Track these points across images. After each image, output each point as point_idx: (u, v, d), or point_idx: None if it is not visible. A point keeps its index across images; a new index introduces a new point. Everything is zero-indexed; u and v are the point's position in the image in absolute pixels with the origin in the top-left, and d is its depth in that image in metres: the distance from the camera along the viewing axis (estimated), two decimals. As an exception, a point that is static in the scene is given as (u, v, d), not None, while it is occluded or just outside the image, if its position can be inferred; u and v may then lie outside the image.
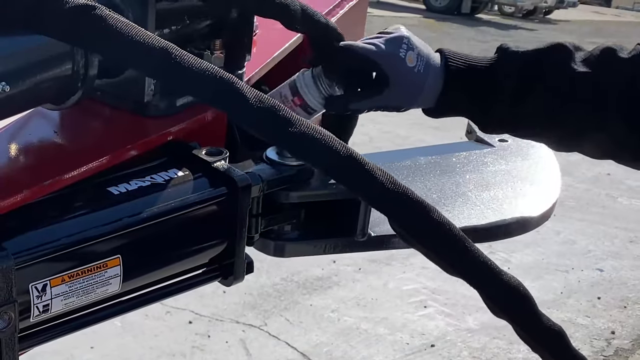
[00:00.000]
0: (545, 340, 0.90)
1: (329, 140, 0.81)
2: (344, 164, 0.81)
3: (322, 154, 0.81)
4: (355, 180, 0.83)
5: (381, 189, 0.82)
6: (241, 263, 1.01)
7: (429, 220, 0.85)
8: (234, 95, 0.80)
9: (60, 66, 0.88)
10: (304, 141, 0.80)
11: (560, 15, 27.90)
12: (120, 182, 0.93)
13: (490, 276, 0.89)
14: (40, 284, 0.81)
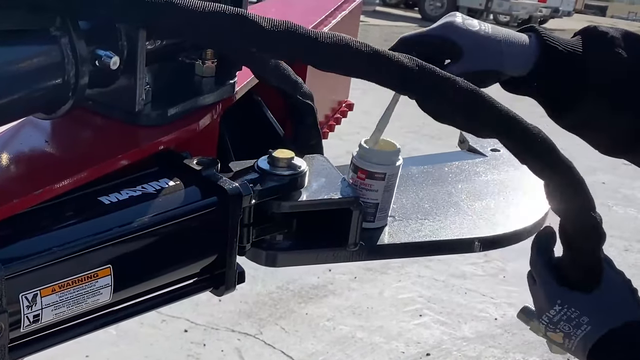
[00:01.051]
0: (538, 150, 0.94)
1: (357, 44, 0.87)
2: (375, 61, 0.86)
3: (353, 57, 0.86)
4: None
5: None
6: (232, 273, 1.01)
7: (459, 90, 0.89)
8: (251, 27, 0.83)
9: (51, 76, 0.88)
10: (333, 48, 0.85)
11: (555, 25, 27.98)
12: (112, 192, 0.93)
13: (481, 104, 0.92)
14: (30, 294, 0.81)
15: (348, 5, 1.56)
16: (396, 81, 0.90)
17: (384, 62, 0.87)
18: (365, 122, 1.20)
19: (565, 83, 1.15)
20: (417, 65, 0.88)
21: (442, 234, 1.13)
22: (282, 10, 1.56)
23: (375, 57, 0.87)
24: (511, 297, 4.47)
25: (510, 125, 0.92)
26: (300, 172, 1.04)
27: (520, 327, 4.17)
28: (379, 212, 1.11)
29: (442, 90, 0.89)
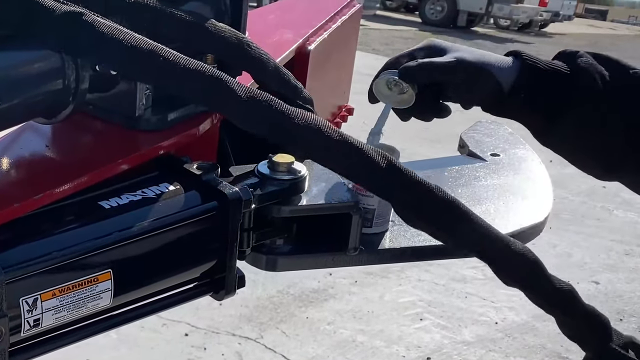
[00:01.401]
0: (557, 301, 0.91)
1: (330, 131, 0.82)
2: (344, 154, 0.82)
3: (321, 146, 0.82)
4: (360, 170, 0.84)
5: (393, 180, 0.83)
6: (232, 277, 1.01)
7: (434, 201, 0.85)
8: (225, 92, 0.80)
9: (51, 80, 0.88)
10: (302, 133, 0.81)
11: (555, 29, 28.05)
12: (112, 196, 0.93)
13: (498, 247, 0.88)
14: (30, 298, 0.81)
15: (348, 10, 1.57)
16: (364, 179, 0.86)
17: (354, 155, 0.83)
18: (366, 127, 1.20)
19: (551, 92, 1.17)
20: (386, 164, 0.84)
21: None
22: (281, 16, 1.57)
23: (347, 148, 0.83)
24: (511, 301, 4.47)
25: (494, 248, 0.88)
26: (300, 176, 1.04)
27: (521, 331, 4.19)
28: (377, 218, 1.11)
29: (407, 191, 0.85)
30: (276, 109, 0.82)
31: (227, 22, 1.06)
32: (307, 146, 0.84)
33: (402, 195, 0.85)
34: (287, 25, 1.43)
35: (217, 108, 0.89)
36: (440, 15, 22.97)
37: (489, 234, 0.88)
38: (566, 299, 0.91)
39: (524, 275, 0.90)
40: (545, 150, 1.27)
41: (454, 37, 19.99)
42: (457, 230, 0.87)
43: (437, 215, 0.86)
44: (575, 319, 0.93)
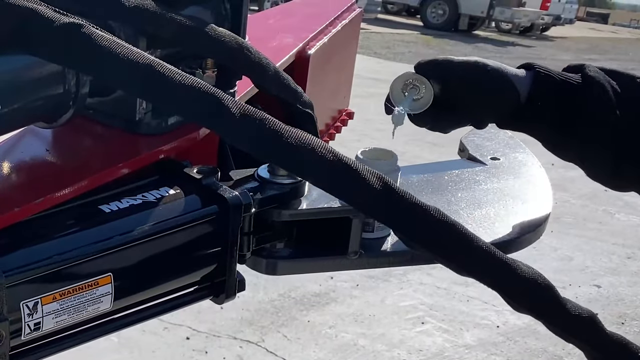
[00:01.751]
0: (576, 329, 0.85)
1: (323, 151, 0.79)
2: (338, 175, 0.79)
3: (314, 166, 0.79)
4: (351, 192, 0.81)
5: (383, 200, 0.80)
6: (233, 281, 1.01)
7: (431, 225, 0.81)
8: (219, 112, 0.79)
9: (51, 85, 0.88)
10: (295, 153, 0.79)
11: (557, 32, 28.06)
12: (112, 200, 0.93)
13: (505, 273, 0.83)
14: (31, 302, 0.81)
15: (348, 14, 1.57)
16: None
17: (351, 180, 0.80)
18: (367, 130, 1.20)
19: (565, 102, 1.15)
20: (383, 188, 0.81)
21: None
22: (281, 20, 1.57)
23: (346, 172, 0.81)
24: (513, 304, 4.47)
25: (501, 275, 0.84)
26: (300, 180, 1.05)
27: (523, 334, 4.18)
28: (378, 222, 1.12)
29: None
30: (269, 127, 0.80)
31: (227, 26, 1.07)
32: (299, 168, 0.82)
33: (400, 220, 0.83)
34: (287, 29, 1.44)
35: (209, 126, 0.86)
36: (442, 19, 22.98)
37: (494, 260, 0.83)
38: (584, 327, 0.85)
39: (535, 302, 0.85)
40: (546, 154, 1.26)
41: (456, 40, 20.00)
42: (457, 257, 0.84)
43: (435, 240, 0.83)
44: (597, 350, 0.88)
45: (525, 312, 0.86)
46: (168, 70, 0.79)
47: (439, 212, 0.82)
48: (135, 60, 0.78)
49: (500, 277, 0.83)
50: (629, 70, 1.22)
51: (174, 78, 0.79)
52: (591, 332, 0.86)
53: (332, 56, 1.52)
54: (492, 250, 0.83)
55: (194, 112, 0.81)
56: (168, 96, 0.79)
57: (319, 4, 1.67)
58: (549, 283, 0.84)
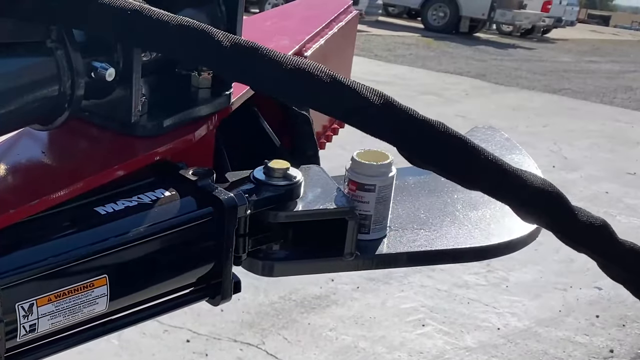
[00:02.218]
0: (586, 238, 0.83)
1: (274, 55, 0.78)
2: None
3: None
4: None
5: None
6: (228, 283, 1.01)
7: (437, 137, 0.79)
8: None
9: (47, 87, 0.89)
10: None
11: (558, 34, 28.07)
12: (108, 202, 0.93)
13: (516, 184, 0.80)
14: (26, 303, 0.82)
15: (345, 16, 1.58)
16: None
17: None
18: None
19: None
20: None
21: (437, 243, 1.13)
22: (278, 22, 1.57)
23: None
24: (514, 306, 4.47)
25: (510, 185, 0.80)
26: (295, 182, 1.05)
27: (523, 336, 4.18)
28: (374, 224, 1.12)
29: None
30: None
31: (223, 29, 1.07)
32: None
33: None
34: (284, 31, 1.44)
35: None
36: (443, 21, 22.99)
37: (502, 169, 0.80)
38: (595, 236, 0.83)
39: (546, 211, 0.82)
40: (548, 155, 1.27)
41: (456, 42, 20.01)
42: (460, 169, 0.81)
43: (439, 152, 0.80)
44: (609, 259, 0.85)
45: (535, 221, 0.84)
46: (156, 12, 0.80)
47: (444, 126, 0.80)
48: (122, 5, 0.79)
49: (509, 187, 0.81)
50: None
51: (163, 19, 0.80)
52: (602, 241, 0.84)
53: (329, 58, 1.52)
54: (498, 159, 0.81)
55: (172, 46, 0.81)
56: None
57: (316, 6, 1.67)
58: (559, 192, 0.82)
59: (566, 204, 0.82)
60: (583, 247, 0.85)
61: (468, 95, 12.15)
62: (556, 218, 0.83)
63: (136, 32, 0.81)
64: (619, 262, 0.86)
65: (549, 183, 0.82)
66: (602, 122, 11.25)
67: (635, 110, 12.93)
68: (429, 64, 14.87)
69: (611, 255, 0.86)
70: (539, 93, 13.48)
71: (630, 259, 0.86)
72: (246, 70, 0.80)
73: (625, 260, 0.86)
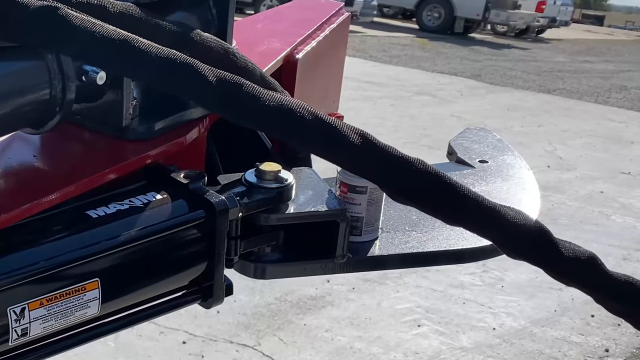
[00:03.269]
0: (575, 273, 0.82)
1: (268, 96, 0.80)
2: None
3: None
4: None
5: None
6: (220, 285, 1.01)
7: (415, 177, 0.79)
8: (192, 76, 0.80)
9: (37, 91, 0.89)
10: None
11: (552, 34, 28.11)
12: (99, 206, 0.93)
13: (498, 222, 0.80)
14: (18, 307, 0.82)
15: (336, 18, 1.58)
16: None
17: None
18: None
19: None
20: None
21: (429, 245, 1.14)
22: (269, 25, 1.58)
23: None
24: (509, 306, 4.48)
25: (495, 224, 0.81)
26: (287, 185, 1.05)
27: (519, 336, 4.18)
28: (365, 226, 1.12)
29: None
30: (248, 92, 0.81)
31: (213, 32, 1.07)
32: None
33: (385, 174, 0.80)
34: (275, 34, 1.44)
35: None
36: (438, 22, 23.02)
37: (484, 207, 0.81)
38: (583, 270, 0.81)
39: (530, 248, 0.82)
40: (543, 155, 1.28)
41: (451, 43, 20.03)
42: (446, 207, 0.81)
43: (425, 191, 0.81)
44: (601, 294, 0.84)
45: (520, 259, 0.83)
46: (142, 42, 0.81)
47: (423, 164, 0.80)
48: (109, 35, 0.80)
49: (491, 225, 0.81)
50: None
51: (148, 51, 0.80)
52: (592, 276, 0.83)
53: (321, 60, 1.52)
54: (480, 197, 0.81)
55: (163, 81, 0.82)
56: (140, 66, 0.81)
57: (308, 8, 1.67)
58: (543, 228, 0.82)
59: (551, 240, 0.82)
60: (573, 282, 0.84)
61: (463, 95, 12.17)
62: (541, 255, 0.83)
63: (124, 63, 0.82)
64: (611, 296, 0.85)
65: (532, 220, 0.82)
66: (596, 122, 11.28)
67: (629, 109, 12.96)
68: (424, 64, 14.89)
69: (603, 289, 0.85)
70: (534, 93, 13.50)
71: (623, 292, 0.85)
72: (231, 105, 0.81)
73: (618, 294, 0.85)
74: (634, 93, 15.11)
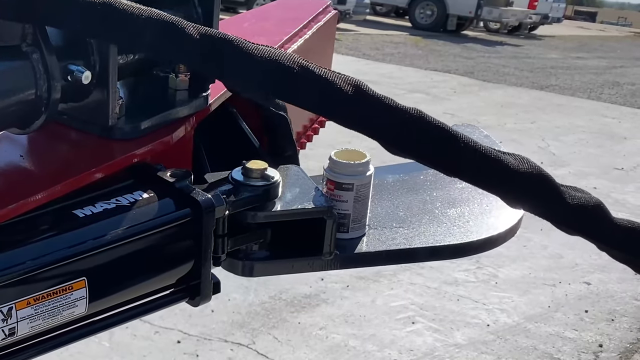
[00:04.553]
0: (579, 222, 0.79)
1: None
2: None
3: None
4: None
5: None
6: (208, 283, 1.02)
7: (415, 125, 0.77)
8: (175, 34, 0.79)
9: (23, 91, 0.89)
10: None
11: (545, 31, 28.16)
12: (86, 205, 0.93)
13: (498, 170, 0.76)
14: (5, 307, 0.82)
15: (323, 16, 1.58)
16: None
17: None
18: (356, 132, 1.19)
19: None
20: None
21: (416, 241, 1.14)
22: (256, 23, 1.58)
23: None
24: (503, 303, 4.49)
25: (494, 173, 0.77)
26: (273, 182, 1.05)
27: (513, 332, 4.20)
28: (352, 223, 1.12)
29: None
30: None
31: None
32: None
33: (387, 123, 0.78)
34: (262, 32, 1.44)
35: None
36: (430, 20, 23.04)
37: (486, 157, 0.77)
38: (587, 219, 0.79)
39: (533, 197, 0.78)
40: (536, 151, 1.28)
41: (444, 40, 20.04)
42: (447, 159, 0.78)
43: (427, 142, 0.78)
44: (605, 243, 0.81)
45: (522, 208, 0.81)
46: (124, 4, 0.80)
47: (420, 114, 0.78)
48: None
49: (494, 175, 0.78)
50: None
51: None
52: (596, 224, 0.80)
53: (308, 58, 1.52)
54: (479, 145, 0.78)
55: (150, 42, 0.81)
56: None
57: (294, 7, 1.67)
58: (544, 173, 0.79)
59: (553, 186, 0.79)
60: (577, 231, 0.81)
61: (456, 92, 12.18)
62: (543, 203, 0.79)
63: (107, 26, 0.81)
64: (616, 245, 0.82)
65: (532, 164, 0.78)
66: (589, 118, 11.30)
67: (622, 105, 12.99)
68: (417, 62, 14.90)
69: (607, 238, 0.82)
70: (527, 90, 13.53)
71: (628, 240, 0.82)
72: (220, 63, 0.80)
73: (623, 243, 0.82)
74: (627, 89, 15.14)
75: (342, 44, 15.15)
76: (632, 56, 22.90)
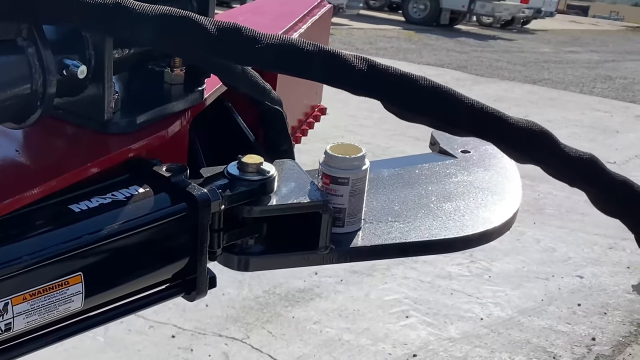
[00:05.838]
0: (577, 171, 0.86)
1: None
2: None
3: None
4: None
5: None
6: (204, 278, 1.02)
7: (420, 89, 0.83)
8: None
9: (18, 85, 0.89)
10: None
11: (538, 25, 28.19)
12: (82, 200, 0.93)
13: (500, 125, 0.84)
14: (1, 302, 0.82)
15: (318, 10, 1.58)
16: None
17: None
18: (351, 126, 1.19)
19: None
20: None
21: (411, 235, 1.14)
22: (250, 18, 1.58)
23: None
24: (496, 296, 4.50)
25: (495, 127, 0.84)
26: (269, 177, 1.05)
27: (506, 326, 4.21)
28: (348, 217, 1.13)
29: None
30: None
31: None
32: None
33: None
34: (256, 26, 1.44)
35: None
36: (423, 14, 23.04)
37: (485, 113, 0.84)
38: (585, 168, 0.85)
39: (535, 149, 0.85)
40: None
41: (437, 35, 20.04)
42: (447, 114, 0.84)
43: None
44: (600, 190, 0.88)
45: (526, 160, 0.86)
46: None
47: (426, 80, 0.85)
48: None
49: (496, 129, 0.84)
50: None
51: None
52: (594, 173, 0.86)
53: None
54: (479, 103, 0.85)
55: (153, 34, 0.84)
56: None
57: (289, 0, 1.67)
58: (545, 129, 0.85)
59: (553, 139, 0.85)
60: (576, 181, 0.87)
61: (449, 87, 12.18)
62: (546, 154, 0.85)
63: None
64: (612, 193, 0.88)
65: (534, 122, 0.85)
66: (581, 112, 11.33)
67: (614, 99, 13.02)
68: (410, 56, 14.89)
69: (604, 186, 0.88)
70: (520, 84, 13.54)
71: (622, 190, 0.88)
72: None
73: (618, 192, 0.88)
74: (619, 83, 15.17)
75: (335, 39, 15.13)
76: (624, 50, 22.94)
